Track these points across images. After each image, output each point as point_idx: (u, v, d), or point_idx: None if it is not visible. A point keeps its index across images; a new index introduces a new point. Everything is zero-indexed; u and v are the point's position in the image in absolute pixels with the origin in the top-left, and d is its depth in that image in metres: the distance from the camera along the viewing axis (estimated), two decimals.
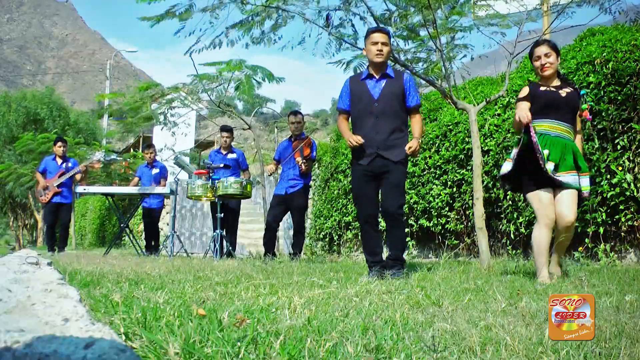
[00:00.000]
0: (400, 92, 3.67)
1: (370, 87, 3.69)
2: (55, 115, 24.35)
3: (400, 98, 3.67)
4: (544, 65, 3.32)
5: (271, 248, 5.88)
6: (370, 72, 3.73)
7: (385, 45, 3.66)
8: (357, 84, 3.77)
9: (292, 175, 5.84)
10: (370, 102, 3.65)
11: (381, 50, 3.64)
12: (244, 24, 5.01)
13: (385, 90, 3.65)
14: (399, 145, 3.61)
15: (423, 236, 6.66)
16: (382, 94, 3.64)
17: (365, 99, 3.67)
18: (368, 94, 3.67)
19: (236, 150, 6.92)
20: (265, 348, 1.21)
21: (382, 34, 3.70)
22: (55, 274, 1.34)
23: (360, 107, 3.70)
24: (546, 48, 3.34)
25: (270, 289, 2.42)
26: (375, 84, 3.70)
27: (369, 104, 3.65)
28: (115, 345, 0.77)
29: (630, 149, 4.40)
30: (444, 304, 2.05)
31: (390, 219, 3.63)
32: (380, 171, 3.62)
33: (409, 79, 3.76)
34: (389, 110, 3.61)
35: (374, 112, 3.62)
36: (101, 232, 16.68)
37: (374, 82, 3.70)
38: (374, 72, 3.71)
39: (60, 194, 7.97)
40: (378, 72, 3.70)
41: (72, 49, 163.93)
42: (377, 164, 3.61)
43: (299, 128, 6.03)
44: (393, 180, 3.60)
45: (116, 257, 6.13)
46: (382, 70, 3.71)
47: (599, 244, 4.54)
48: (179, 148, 9.28)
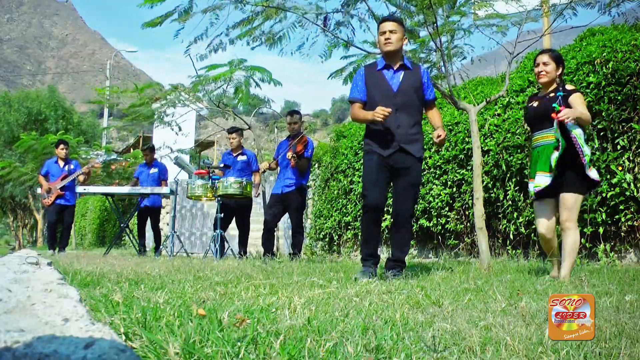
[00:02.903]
0: (419, 84, 3.53)
1: (388, 78, 3.51)
2: (59, 115, 24.37)
3: (419, 91, 3.54)
4: (540, 73, 3.47)
5: (270, 247, 5.88)
6: (387, 62, 3.55)
7: (393, 33, 3.46)
8: (373, 74, 3.56)
9: (288, 174, 5.84)
10: (389, 94, 3.47)
11: (389, 38, 3.46)
12: (244, 23, 5.00)
13: (405, 82, 3.50)
14: (419, 140, 3.50)
15: (423, 236, 6.66)
16: (402, 86, 3.49)
17: (383, 91, 3.49)
18: (387, 85, 3.50)
19: (247, 151, 6.85)
20: (265, 348, 1.21)
21: (388, 22, 3.52)
22: (55, 274, 1.34)
23: (378, 98, 3.47)
24: (546, 57, 3.46)
25: (270, 289, 2.42)
26: (393, 74, 3.52)
27: (388, 96, 3.46)
28: (115, 345, 0.77)
29: (630, 149, 4.40)
30: (444, 304, 2.05)
31: (402, 220, 3.51)
32: (399, 166, 3.46)
33: (425, 72, 3.62)
34: (409, 103, 3.47)
35: (394, 104, 3.43)
36: (101, 232, 16.68)
37: (392, 73, 3.52)
38: (391, 62, 3.53)
39: (64, 197, 7.98)
40: (395, 63, 3.52)
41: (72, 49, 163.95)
42: (398, 158, 3.45)
43: (295, 128, 6.03)
44: (412, 180, 3.47)
45: (116, 257, 6.13)
46: (399, 60, 3.54)
47: (599, 244, 4.54)
48: (179, 148, 9.27)
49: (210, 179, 6.25)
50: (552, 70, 3.43)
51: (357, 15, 4.79)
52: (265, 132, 56.50)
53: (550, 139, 3.31)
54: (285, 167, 5.89)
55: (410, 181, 3.48)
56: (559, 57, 3.49)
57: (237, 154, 6.73)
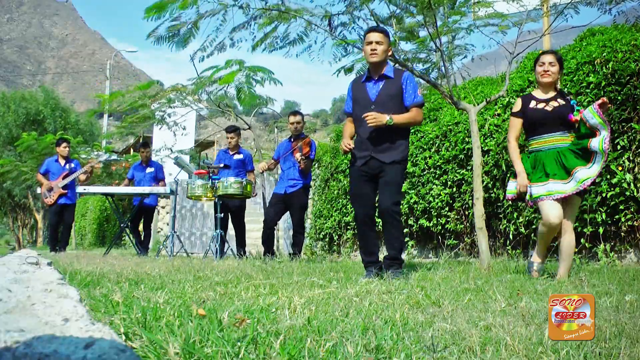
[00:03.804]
0: (398, 92, 3.60)
1: (368, 89, 3.65)
2: (57, 115, 24.37)
3: (398, 99, 3.60)
4: (546, 72, 3.45)
5: (270, 246, 5.89)
6: (370, 73, 3.69)
7: (379, 45, 3.56)
8: (357, 87, 3.73)
9: (292, 175, 5.86)
10: (367, 104, 3.60)
11: (375, 49, 3.55)
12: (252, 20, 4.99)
13: (383, 92, 3.61)
14: (395, 148, 3.57)
15: (423, 236, 6.66)
16: (379, 96, 3.59)
17: (363, 101, 3.64)
18: (366, 96, 3.64)
19: (243, 150, 6.89)
20: (265, 348, 1.21)
21: (375, 33, 3.61)
22: (55, 274, 1.34)
23: (358, 109, 3.65)
24: (552, 58, 3.48)
25: (270, 289, 2.42)
26: (373, 85, 3.65)
27: (366, 106, 3.60)
28: (115, 345, 0.77)
29: (630, 149, 4.40)
30: (444, 304, 2.05)
31: (386, 216, 3.55)
32: (376, 172, 3.59)
33: (407, 77, 3.66)
34: (385, 113, 3.53)
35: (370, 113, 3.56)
36: (101, 232, 16.67)
37: (373, 83, 3.66)
38: (373, 73, 3.67)
39: (66, 195, 7.96)
40: (376, 73, 3.65)
41: (72, 49, 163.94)
42: (373, 164, 3.57)
43: (298, 128, 6.03)
44: (387, 178, 3.56)
45: (116, 257, 6.13)
46: (380, 71, 3.64)
47: (599, 244, 4.54)
48: (179, 148, 9.26)
49: (210, 179, 6.25)
50: (556, 71, 3.46)
51: (362, 18, 4.79)
52: (265, 132, 56.51)
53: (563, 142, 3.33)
54: (288, 168, 5.91)
55: (386, 179, 3.56)
56: (562, 60, 3.55)
57: (234, 152, 6.76)
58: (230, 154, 6.76)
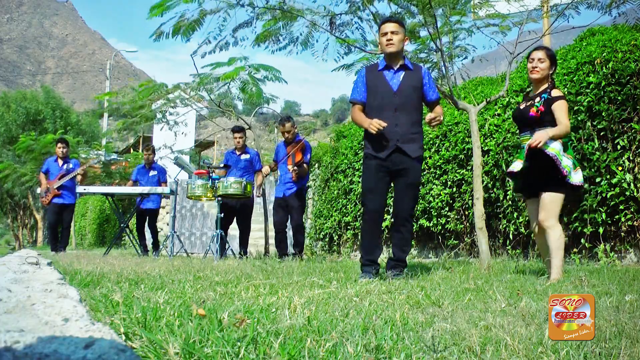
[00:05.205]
0: (419, 85, 3.56)
1: (388, 79, 3.55)
2: (57, 115, 24.37)
3: (419, 91, 3.56)
4: (534, 68, 3.45)
5: (284, 249, 5.99)
6: (388, 63, 3.58)
7: (395, 34, 3.49)
8: (373, 75, 3.60)
9: (288, 178, 5.98)
10: (389, 94, 3.51)
11: (391, 39, 3.49)
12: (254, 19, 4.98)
13: (405, 82, 3.53)
14: (417, 141, 3.52)
15: (423, 236, 6.66)
16: (402, 86, 3.52)
17: (383, 91, 3.53)
18: (386, 85, 3.53)
19: (250, 150, 6.88)
20: (265, 348, 1.21)
21: (390, 23, 3.55)
22: (55, 274, 1.34)
23: (378, 98, 3.53)
24: (542, 54, 3.45)
25: (270, 289, 2.42)
26: (393, 75, 3.55)
27: (387, 96, 3.51)
28: (115, 345, 0.77)
29: (630, 149, 4.40)
30: (444, 304, 2.05)
31: (403, 220, 3.53)
32: (397, 167, 3.49)
33: (426, 72, 3.64)
34: (408, 103, 3.50)
35: (393, 104, 3.48)
36: (101, 232, 16.67)
37: (392, 73, 3.56)
38: (392, 63, 3.57)
39: (62, 196, 7.97)
40: (395, 63, 3.56)
41: (72, 49, 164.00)
42: (395, 159, 3.47)
43: (289, 138, 6.08)
44: (410, 180, 3.49)
45: (116, 257, 6.13)
46: (399, 61, 3.57)
47: (599, 244, 4.54)
48: (179, 148, 9.26)
49: (210, 179, 6.25)
50: (545, 67, 3.42)
51: (364, 18, 4.79)
52: (265, 132, 56.51)
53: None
54: (285, 172, 6.03)
55: (409, 181, 3.51)
56: (554, 57, 3.49)
57: (241, 152, 6.75)
58: (237, 154, 6.75)
